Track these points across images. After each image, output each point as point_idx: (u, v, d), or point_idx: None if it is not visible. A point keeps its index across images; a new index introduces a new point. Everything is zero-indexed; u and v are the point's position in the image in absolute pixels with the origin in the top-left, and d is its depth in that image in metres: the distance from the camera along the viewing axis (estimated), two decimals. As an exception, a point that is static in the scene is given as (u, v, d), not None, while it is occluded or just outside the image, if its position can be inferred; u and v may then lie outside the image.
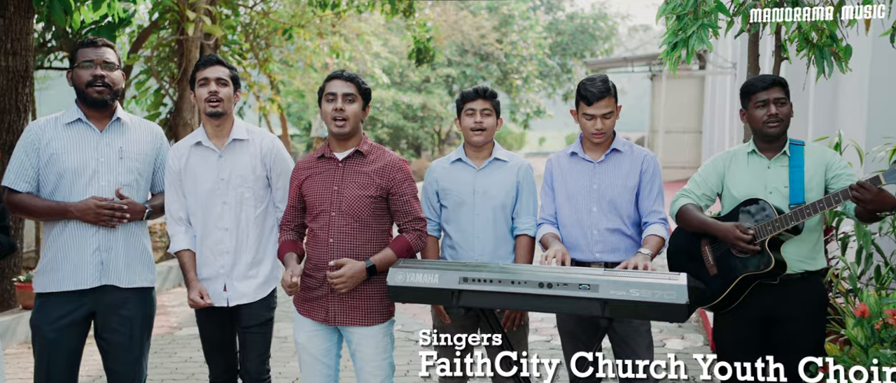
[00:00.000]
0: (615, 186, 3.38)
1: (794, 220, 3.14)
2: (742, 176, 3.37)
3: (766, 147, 3.35)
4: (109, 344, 3.22)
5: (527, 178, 3.52)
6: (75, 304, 3.15)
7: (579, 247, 3.40)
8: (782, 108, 3.29)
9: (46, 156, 3.13)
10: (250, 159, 3.32)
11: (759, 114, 3.30)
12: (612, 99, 3.34)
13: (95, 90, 3.13)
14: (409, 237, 3.23)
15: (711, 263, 3.33)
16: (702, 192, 3.44)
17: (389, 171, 3.21)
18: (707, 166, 3.51)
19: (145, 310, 3.29)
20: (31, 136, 3.16)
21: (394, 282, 2.97)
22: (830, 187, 3.25)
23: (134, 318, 3.23)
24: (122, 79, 3.27)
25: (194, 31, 8.60)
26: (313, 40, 12.24)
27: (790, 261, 3.22)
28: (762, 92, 3.29)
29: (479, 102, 3.45)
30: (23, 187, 3.13)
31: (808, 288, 3.26)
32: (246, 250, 3.31)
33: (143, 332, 3.28)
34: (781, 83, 3.33)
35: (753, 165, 3.36)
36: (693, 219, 3.35)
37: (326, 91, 3.19)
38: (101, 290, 3.17)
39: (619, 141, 3.44)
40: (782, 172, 3.30)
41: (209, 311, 3.31)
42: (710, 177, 3.44)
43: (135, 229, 3.25)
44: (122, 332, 3.20)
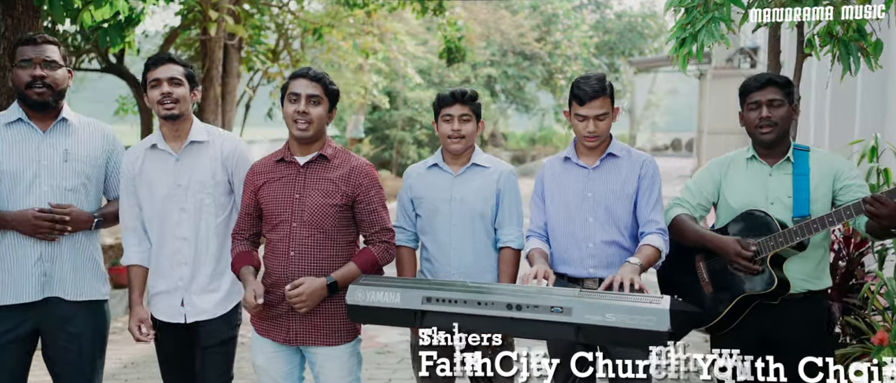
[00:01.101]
0: (611, 194, 3.08)
1: (799, 236, 2.82)
2: (740, 183, 3.05)
3: (766, 152, 3.04)
4: (57, 364, 3.02)
5: (509, 186, 3.24)
6: (17, 320, 2.94)
7: (571, 260, 3.10)
8: (777, 110, 2.97)
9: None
10: (210, 163, 3.08)
11: (751, 116, 3.01)
12: (607, 99, 3.04)
13: (35, 92, 2.92)
14: (376, 250, 2.97)
15: (706, 280, 3.01)
16: (697, 202, 3.14)
17: (355, 177, 2.96)
18: (702, 172, 3.19)
19: (96, 325, 3.07)
20: None
21: (353, 301, 2.72)
22: (838, 199, 2.92)
23: (83, 335, 3.02)
24: (68, 78, 3.04)
25: (217, 31, 8.50)
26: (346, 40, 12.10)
27: (793, 279, 2.91)
28: (756, 92, 3.00)
29: (457, 107, 3.18)
30: None
31: (810, 309, 2.93)
32: (206, 261, 3.08)
33: (94, 349, 3.07)
34: (778, 82, 3.00)
35: (753, 172, 3.05)
36: (688, 231, 3.04)
37: (289, 90, 2.95)
38: (46, 304, 2.97)
39: (615, 145, 3.14)
40: (785, 180, 2.99)
41: (166, 327, 3.10)
42: (705, 185, 3.13)
43: (82, 238, 3.03)
44: (70, 349, 3.00)
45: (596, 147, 3.10)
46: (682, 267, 3.13)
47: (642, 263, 2.88)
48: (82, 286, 3.03)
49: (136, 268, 3.12)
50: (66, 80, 3.04)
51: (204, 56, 8.82)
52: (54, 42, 3.01)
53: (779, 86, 3.02)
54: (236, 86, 9.14)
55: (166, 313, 3.08)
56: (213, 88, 8.71)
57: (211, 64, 8.68)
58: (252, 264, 2.98)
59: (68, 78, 3.06)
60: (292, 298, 2.83)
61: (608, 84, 3.06)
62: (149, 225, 3.10)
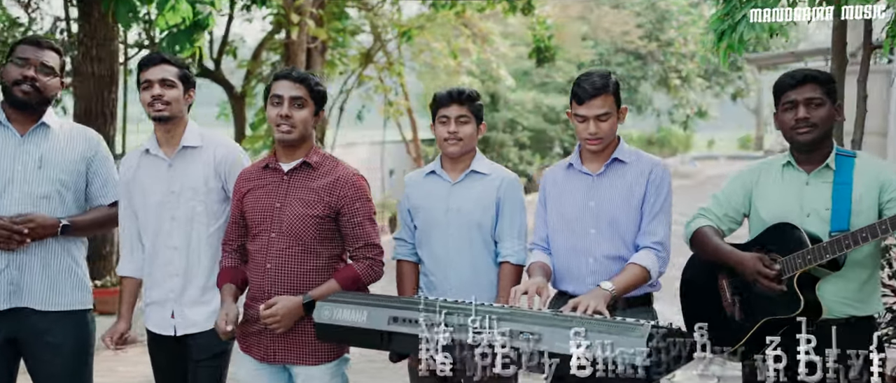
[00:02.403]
0: (616, 203, 2.77)
1: (830, 253, 2.44)
2: (773, 193, 2.68)
3: (804, 158, 2.66)
4: (39, 376, 2.95)
5: (511, 194, 2.97)
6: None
7: (573, 276, 2.82)
8: (816, 111, 2.58)
9: None
10: (202, 169, 2.96)
11: (786, 118, 2.62)
12: (610, 97, 2.72)
13: (21, 89, 2.87)
14: (359, 267, 2.79)
15: (729, 301, 2.66)
16: (723, 213, 2.78)
17: (340, 187, 2.78)
18: (732, 180, 2.83)
19: (78, 336, 2.98)
20: None
21: (319, 319, 2.55)
22: (885, 212, 2.51)
23: (63, 346, 2.93)
24: (58, 87, 2.99)
25: (299, 34, 8.60)
26: (438, 41, 12.03)
27: (829, 302, 2.53)
28: (791, 90, 2.62)
29: (454, 108, 2.95)
30: None
31: (853, 338, 2.50)
32: (198, 272, 2.95)
33: (77, 361, 2.98)
34: (818, 79, 2.60)
35: (789, 180, 2.67)
36: (707, 245, 2.71)
37: (272, 92, 2.80)
38: (17, 314, 2.89)
39: (622, 149, 2.82)
40: (824, 190, 2.60)
41: (158, 340, 3.01)
42: (734, 195, 2.77)
43: (54, 246, 2.93)
44: (50, 362, 2.92)
45: (600, 151, 2.79)
46: (706, 288, 2.79)
47: (616, 289, 2.57)
48: (56, 296, 2.93)
49: (127, 279, 3.05)
50: (56, 89, 2.98)
51: (287, 59, 8.94)
52: (57, 50, 2.98)
53: (818, 83, 2.62)
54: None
55: (157, 325, 2.99)
56: (296, 91, 8.81)
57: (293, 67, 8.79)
58: (235, 281, 2.84)
59: (59, 88, 3.00)
60: (266, 318, 2.68)
61: (613, 81, 2.75)
62: (144, 233, 3.01)
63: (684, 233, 2.85)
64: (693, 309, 2.82)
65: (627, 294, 2.70)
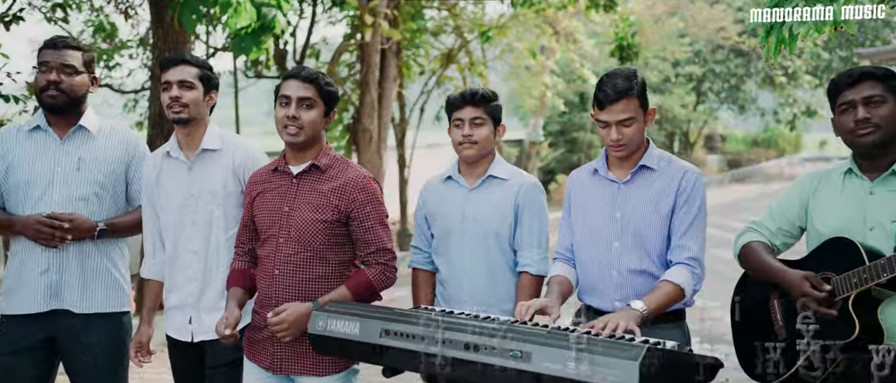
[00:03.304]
0: (642, 214, 2.57)
1: (889, 271, 2.18)
2: (833, 204, 2.43)
3: (868, 164, 2.41)
4: (74, 375, 3.00)
5: (530, 201, 2.80)
6: (28, 329, 2.92)
7: (597, 291, 2.63)
8: (878, 109, 2.33)
9: (5, 166, 2.96)
10: (221, 172, 2.92)
11: (845, 120, 2.36)
12: (634, 100, 2.52)
13: (48, 95, 2.91)
14: (371, 272, 2.68)
15: (780, 324, 2.42)
16: (777, 227, 2.55)
17: (349, 191, 2.68)
18: (789, 191, 2.58)
19: (113, 338, 3.00)
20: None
21: (314, 330, 2.45)
22: None
23: (97, 346, 2.95)
24: (86, 84, 3.01)
25: (372, 36, 8.61)
26: (521, 41, 11.83)
27: (893, 327, 2.25)
28: (848, 90, 2.37)
29: (469, 110, 2.80)
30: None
31: None
32: (215, 277, 2.91)
33: (113, 362, 3.00)
34: (876, 75, 2.33)
35: (850, 190, 2.41)
36: (755, 262, 2.51)
37: (280, 93, 2.73)
38: (56, 315, 2.94)
39: (651, 155, 2.61)
40: (890, 200, 2.34)
41: (177, 346, 2.99)
42: (790, 206, 2.53)
43: (90, 248, 2.97)
44: (84, 361, 2.95)
45: (626, 157, 2.58)
46: (758, 305, 2.55)
47: (647, 310, 2.34)
48: (92, 299, 2.96)
49: (150, 282, 3.05)
50: (85, 87, 3.00)
51: (362, 61, 8.97)
52: (78, 47, 2.99)
53: (876, 79, 2.36)
54: (393, 90, 9.20)
55: (176, 330, 2.97)
56: (370, 93, 8.83)
57: (367, 68, 8.81)
58: (243, 285, 2.79)
59: (89, 85, 3.03)
60: (274, 326, 2.61)
61: (637, 83, 2.54)
62: (165, 236, 3.00)
63: (734, 249, 2.61)
64: (743, 332, 2.60)
65: None
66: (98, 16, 8.97)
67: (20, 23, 6.13)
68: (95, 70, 3.08)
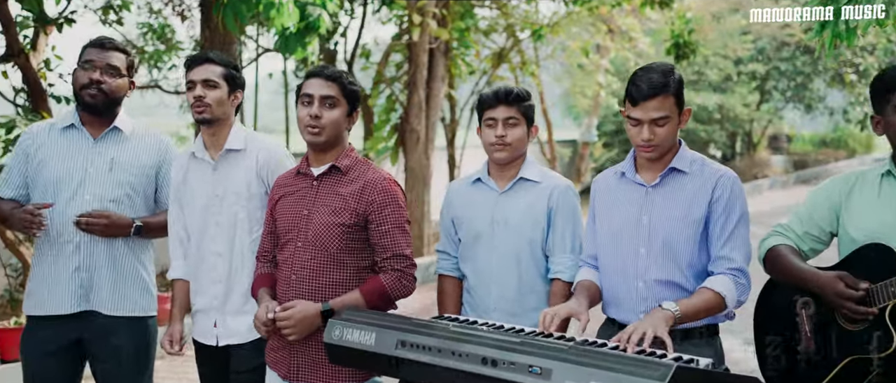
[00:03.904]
0: (671, 220, 2.39)
1: None
2: (869, 208, 2.25)
3: None
4: (100, 376, 2.98)
5: (564, 204, 2.65)
6: (57, 330, 2.91)
7: (620, 303, 2.46)
8: None
9: (36, 162, 2.95)
10: (245, 173, 2.85)
11: (893, 120, 2.12)
12: (670, 97, 2.35)
13: (88, 93, 2.89)
14: (386, 279, 2.57)
15: (808, 334, 2.25)
16: (804, 231, 2.36)
17: (368, 193, 2.58)
18: (817, 193, 2.39)
19: (139, 341, 2.97)
20: (25, 140, 3.00)
21: (330, 339, 2.34)
22: None
23: (123, 348, 2.93)
24: (126, 87, 2.99)
25: (420, 35, 8.51)
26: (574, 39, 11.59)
27: None
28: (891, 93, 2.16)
29: (502, 109, 2.66)
30: (8, 193, 2.98)
31: None
32: (240, 280, 2.85)
33: (137, 366, 2.97)
34: None
35: (889, 193, 2.25)
36: (781, 266, 2.34)
37: (302, 91, 2.64)
38: (86, 316, 2.91)
39: (683, 157, 2.43)
40: None
41: (203, 350, 2.93)
42: (818, 209, 2.34)
43: (123, 249, 2.94)
44: (110, 364, 2.93)
45: (656, 159, 2.41)
46: (784, 315, 2.36)
47: (681, 312, 2.17)
48: (122, 301, 2.93)
49: (179, 282, 3.00)
50: (124, 90, 2.98)
51: (410, 61, 8.88)
52: (123, 50, 2.99)
53: None
54: (441, 89, 9.09)
55: (202, 334, 2.92)
56: (417, 93, 8.73)
57: (415, 68, 8.71)
58: (271, 287, 2.71)
59: (127, 88, 3.01)
60: (281, 321, 2.52)
61: (674, 79, 2.36)
62: (191, 237, 2.95)
63: (758, 253, 2.42)
64: (767, 343, 2.42)
65: None
66: (157, 18, 9.12)
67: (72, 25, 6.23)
68: (133, 74, 3.05)
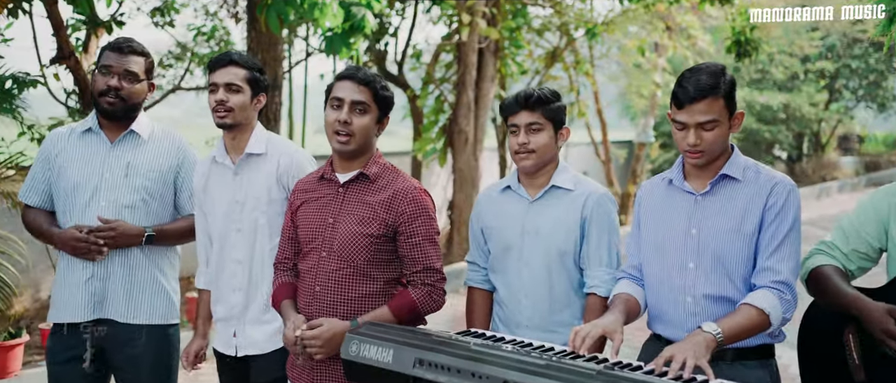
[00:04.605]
0: (723, 231, 2.20)
1: None
2: None
3: None
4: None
5: (600, 213, 2.47)
6: (74, 339, 2.85)
7: (668, 318, 2.28)
8: None
9: (56, 168, 2.90)
10: (265, 178, 2.76)
11: None
12: (719, 100, 2.16)
13: (107, 100, 2.83)
14: (415, 293, 2.43)
15: (857, 362, 2.05)
16: (851, 248, 2.18)
17: (398, 203, 2.45)
18: (862, 207, 2.20)
19: (159, 350, 2.89)
20: (47, 145, 2.95)
21: (347, 355, 2.21)
22: None
23: (141, 357, 2.85)
24: (144, 91, 2.91)
25: (469, 34, 8.36)
26: (630, 38, 11.27)
27: None
28: None
29: (524, 115, 2.51)
30: (34, 200, 2.93)
31: None
32: (260, 289, 2.76)
33: (157, 375, 2.89)
34: None
35: None
36: (826, 289, 2.16)
37: (332, 94, 2.51)
38: (102, 324, 2.85)
39: (736, 163, 2.24)
40: None
41: (223, 360, 2.85)
42: (865, 225, 2.15)
43: (139, 257, 2.86)
44: (129, 371, 2.86)
45: (705, 165, 2.22)
46: (831, 338, 2.17)
47: (724, 335, 1.97)
48: (136, 309, 2.86)
49: (205, 292, 2.92)
50: (143, 94, 2.91)
51: (459, 61, 8.74)
52: (141, 52, 2.90)
53: None
54: (490, 90, 8.91)
55: (222, 344, 2.83)
56: (466, 93, 8.59)
57: (464, 68, 8.57)
58: (294, 297, 2.60)
59: (147, 92, 2.93)
60: (307, 340, 2.40)
61: (725, 81, 2.17)
62: (213, 244, 2.86)
63: (801, 273, 2.21)
64: (812, 369, 2.25)
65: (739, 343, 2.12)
66: (211, 20, 9.20)
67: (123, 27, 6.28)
68: (152, 76, 2.97)
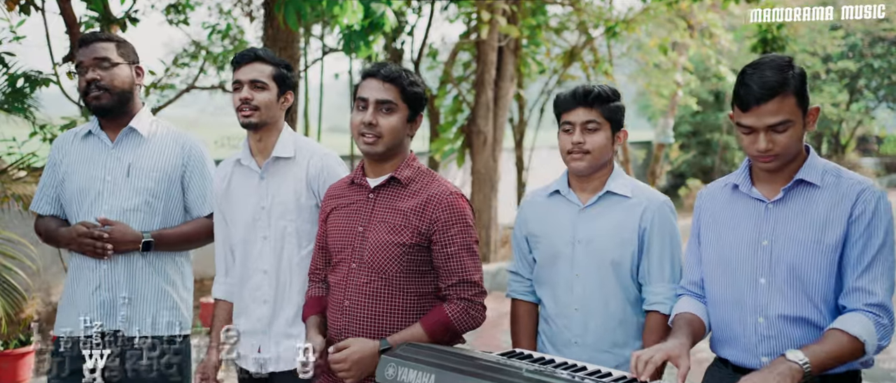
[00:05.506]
0: (799, 244, 1.99)
1: None
2: None
3: None
4: None
5: (661, 224, 2.27)
6: (79, 351, 2.60)
7: (736, 340, 2.07)
8: None
9: (61, 174, 2.75)
10: (294, 183, 2.57)
11: None
12: (791, 98, 1.94)
13: (92, 96, 2.65)
14: (451, 309, 2.23)
15: None
16: None
17: (432, 209, 2.25)
18: None
19: (167, 364, 2.66)
20: (53, 152, 2.81)
21: (383, 379, 2.02)
22: None
23: (150, 373, 2.63)
24: (129, 76, 2.70)
25: (489, 33, 8.15)
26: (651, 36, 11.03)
27: None
28: None
29: (580, 112, 2.30)
30: (45, 209, 2.78)
31: None
32: (287, 301, 2.57)
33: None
34: None
35: None
36: None
37: (358, 94, 2.33)
38: (108, 336, 2.65)
39: (813, 166, 2.02)
40: None
41: (246, 377, 2.65)
42: None
43: (141, 264, 2.69)
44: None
45: (777, 170, 2.00)
46: None
47: (812, 365, 1.76)
48: (143, 320, 2.69)
49: (222, 302, 2.74)
50: (126, 78, 2.70)
51: (478, 59, 8.54)
52: (110, 39, 2.70)
53: None
54: (510, 89, 8.71)
55: (244, 359, 2.64)
56: (485, 92, 8.39)
57: (483, 67, 8.37)
58: (321, 313, 2.41)
59: (134, 78, 2.72)
60: (335, 363, 2.21)
61: (794, 74, 1.95)
62: (235, 252, 2.68)
63: None
64: None
65: None
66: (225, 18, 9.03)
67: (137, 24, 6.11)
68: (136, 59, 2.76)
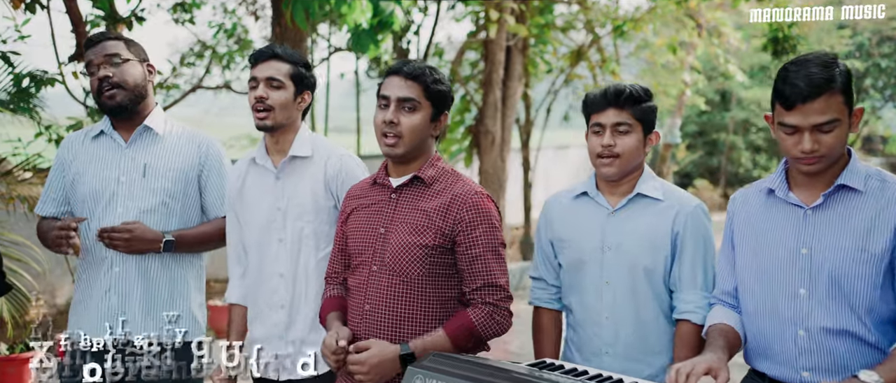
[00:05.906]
0: (841, 252, 1.90)
1: None
2: None
3: None
4: None
5: (694, 228, 2.18)
6: (87, 357, 2.54)
7: (775, 355, 1.98)
8: None
9: (71, 176, 2.68)
10: (311, 183, 2.50)
11: None
12: (837, 96, 1.86)
13: (106, 95, 2.58)
14: (475, 314, 2.15)
15: None
16: None
17: (456, 209, 2.17)
18: None
19: (180, 373, 2.62)
20: (61, 153, 2.74)
21: (407, 389, 1.94)
22: None
23: (158, 378, 2.58)
24: (142, 74, 2.64)
25: (497, 32, 8.08)
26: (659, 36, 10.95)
27: None
28: None
29: (611, 113, 2.21)
30: (50, 210, 2.72)
31: None
32: (304, 306, 2.49)
33: None
34: None
35: None
36: None
37: (380, 92, 2.25)
38: (117, 343, 2.54)
39: (855, 170, 1.94)
40: None
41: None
42: None
43: (156, 267, 2.63)
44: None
45: (819, 173, 1.92)
46: None
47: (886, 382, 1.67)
48: (155, 326, 2.60)
49: (237, 307, 2.66)
50: (139, 75, 2.64)
51: (486, 58, 8.47)
52: (118, 37, 2.66)
53: None
54: (518, 89, 8.64)
55: (260, 368, 2.56)
56: (493, 92, 8.31)
57: (491, 67, 8.30)
58: (342, 310, 2.33)
59: (146, 75, 2.67)
60: (353, 366, 2.13)
61: (841, 72, 1.87)
62: (249, 255, 2.60)
63: None
64: None
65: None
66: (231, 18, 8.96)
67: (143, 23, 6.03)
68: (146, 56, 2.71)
